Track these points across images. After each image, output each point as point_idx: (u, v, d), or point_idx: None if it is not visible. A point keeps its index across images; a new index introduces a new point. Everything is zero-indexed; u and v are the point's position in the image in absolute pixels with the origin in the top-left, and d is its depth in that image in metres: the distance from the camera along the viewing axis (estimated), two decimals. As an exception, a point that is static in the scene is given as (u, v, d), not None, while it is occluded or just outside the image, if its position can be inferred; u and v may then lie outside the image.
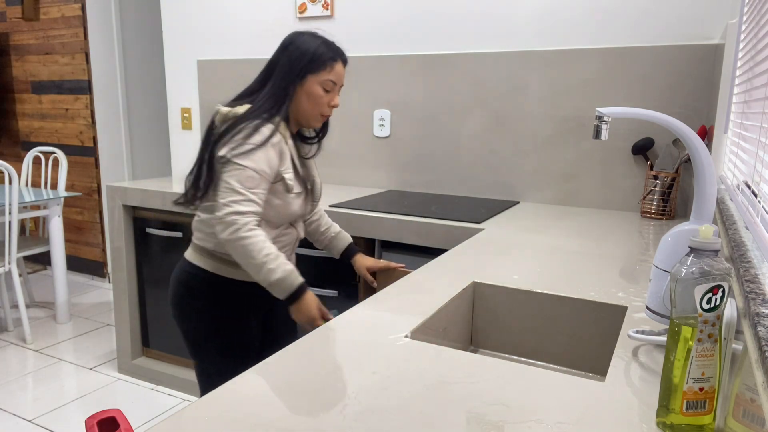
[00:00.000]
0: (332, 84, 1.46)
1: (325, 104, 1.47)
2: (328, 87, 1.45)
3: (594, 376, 1.18)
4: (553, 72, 2.20)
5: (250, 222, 1.33)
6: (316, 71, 1.43)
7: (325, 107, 1.47)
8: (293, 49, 1.43)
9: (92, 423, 0.65)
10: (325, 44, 1.44)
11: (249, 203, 1.33)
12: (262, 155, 1.35)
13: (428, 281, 1.28)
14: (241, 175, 1.33)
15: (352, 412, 0.74)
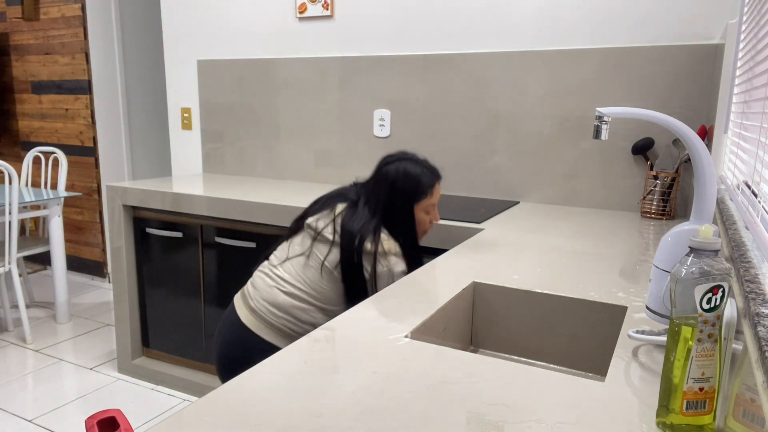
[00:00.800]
0: (433, 207, 1.54)
1: (427, 223, 1.55)
2: (430, 210, 1.54)
3: (594, 376, 1.18)
4: (553, 72, 2.20)
5: None
6: (419, 199, 1.51)
7: (427, 225, 1.55)
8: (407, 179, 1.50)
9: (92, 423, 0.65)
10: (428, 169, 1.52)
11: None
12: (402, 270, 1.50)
13: (428, 281, 1.28)
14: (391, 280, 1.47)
15: (352, 412, 0.74)
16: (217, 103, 2.97)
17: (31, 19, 4.00)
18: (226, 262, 2.39)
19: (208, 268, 2.44)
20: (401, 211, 1.51)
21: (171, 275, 2.55)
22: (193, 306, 2.52)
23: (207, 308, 2.49)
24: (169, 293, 2.58)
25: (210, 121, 3.02)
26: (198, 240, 2.43)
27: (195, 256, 2.46)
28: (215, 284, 2.44)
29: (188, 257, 2.48)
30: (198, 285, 2.48)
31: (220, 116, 2.98)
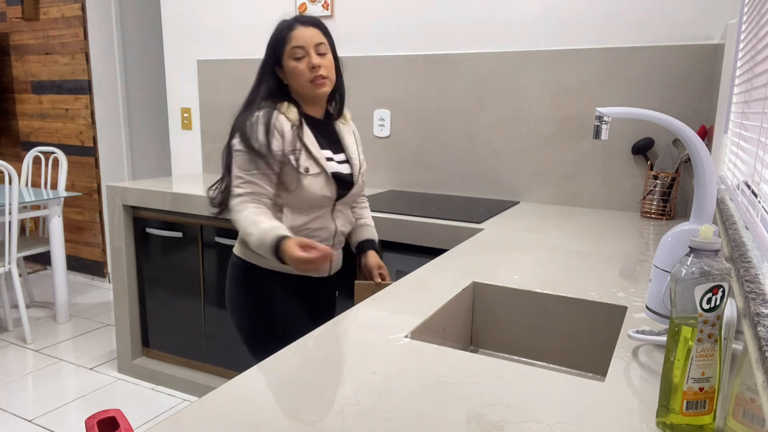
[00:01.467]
0: (299, 49, 1.44)
1: (305, 71, 1.45)
2: (298, 54, 1.45)
3: (594, 376, 1.18)
4: (553, 72, 2.20)
5: (245, 200, 1.41)
6: (282, 49, 1.46)
7: (306, 73, 1.45)
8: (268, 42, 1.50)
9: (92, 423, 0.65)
10: (283, 20, 1.48)
11: (247, 185, 1.41)
12: (259, 138, 1.41)
13: (428, 281, 1.28)
14: (239, 159, 1.42)
15: (352, 412, 0.74)
16: (217, 103, 2.97)
17: (31, 19, 4.00)
18: (226, 262, 2.39)
19: (208, 268, 2.44)
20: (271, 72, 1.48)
21: (171, 275, 2.55)
22: (193, 306, 2.52)
23: (207, 308, 2.49)
24: (169, 293, 2.58)
25: (210, 121, 3.02)
26: (198, 240, 2.43)
27: (195, 256, 2.46)
28: (215, 284, 2.44)
29: (188, 257, 2.48)
30: (198, 285, 2.48)
31: (220, 116, 2.98)
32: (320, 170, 1.46)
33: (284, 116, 1.45)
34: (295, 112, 1.46)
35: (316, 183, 1.46)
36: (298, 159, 1.43)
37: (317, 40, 1.46)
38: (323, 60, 1.47)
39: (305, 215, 1.49)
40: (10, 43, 4.18)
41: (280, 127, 1.43)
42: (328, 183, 1.48)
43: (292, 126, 1.44)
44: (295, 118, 1.46)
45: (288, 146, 1.43)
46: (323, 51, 1.47)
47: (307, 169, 1.44)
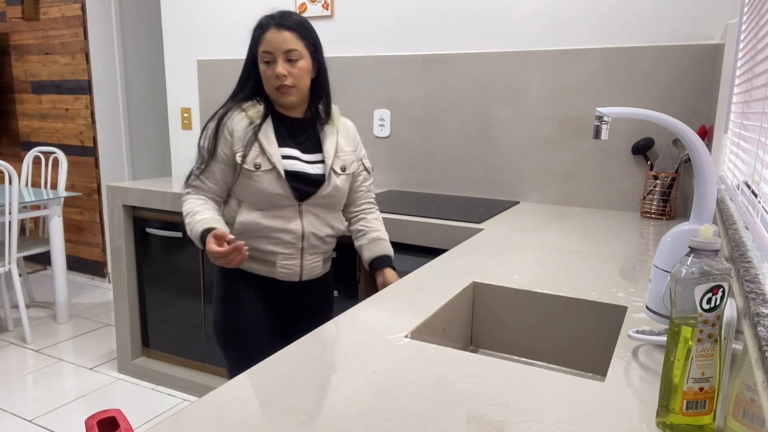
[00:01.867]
0: (267, 54, 1.41)
1: (271, 77, 1.43)
2: (266, 59, 1.42)
3: (594, 376, 1.18)
4: (553, 72, 2.20)
5: (190, 192, 1.48)
6: (255, 50, 1.44)
7: (272, 80, 1.43)
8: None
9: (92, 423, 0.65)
10: (263, 17, 1.44)
11: (195, 179, 1.48)
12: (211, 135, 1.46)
13: (428, 281, 1.28)
14: (197, 155, 1.49)
15: (352, 412, 0.74)
16: (217, 103, 2.96)
17: (31, 19, 4.00)
18: (226, 262, 2.39)
19: (208, 268, 2.44)
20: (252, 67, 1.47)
21: (171, 275, 2.55)
22: (193, 306, 2.52)
23: (207, 308, 2.49)
24: (169, 293, 2.58)
25: (210, 121, 3.02)
26: (198, 240, 2.43)
27: (195, 256, 2.46)
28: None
29: (188, 257, 2.48)
30: (198, 285, 2.48)
31: (220, 116, 2.97)
32: (271, 167, 1.44)
33: (244, 114, 1.45)
34: (259, 110, 1.46)
35: (266, 180, 1.43)
36: (246, 156, 1.42)
37: (287, 46, 1.40)
38: (292, 68, 1.42)
39: (263, 213, 1.47)
40: (10, 43, 4.18)
41: (230, 127, 1.44)
42: (279, 181, 1.44)
43: (250, 124, 1.44)
44: (257, 115, 1.45)
45: (238, 145, 1.43)
46: (294, 57, 1.41)
47: (257, 166, 1.43)
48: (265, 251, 1.50)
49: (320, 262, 1.58)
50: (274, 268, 1.51)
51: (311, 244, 1.53)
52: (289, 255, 1.51)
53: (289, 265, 1.52)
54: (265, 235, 1.48)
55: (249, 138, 1.43)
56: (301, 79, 1.44)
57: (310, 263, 1.55)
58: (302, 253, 1.52)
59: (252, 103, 1.47)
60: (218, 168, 1.46)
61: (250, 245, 1.49)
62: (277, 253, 1.50)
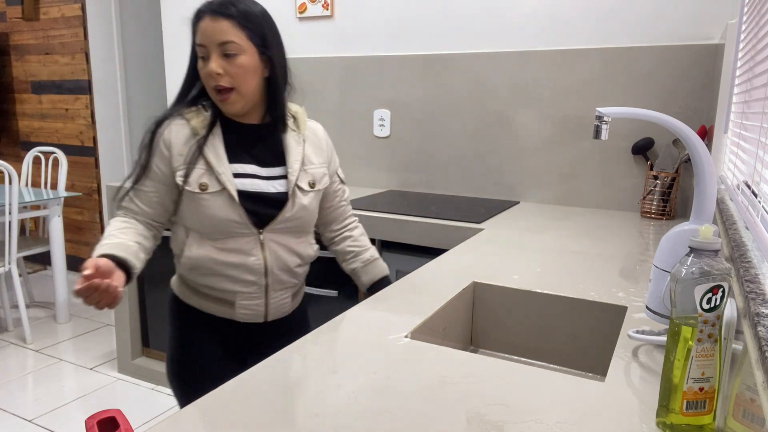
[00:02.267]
0: (201, 48, 1.17)
1: (206, 77, 1.17)
2: (202, 53, 1.17)
3: (594, 376, 1.18)
4: (553, 72, 2.20)
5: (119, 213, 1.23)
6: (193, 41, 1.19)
7: (208, 80, 1.17)
8: None
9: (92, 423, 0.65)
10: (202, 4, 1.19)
11: (127, 199, 1.23)
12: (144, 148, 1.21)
13: (428, 281, 1.28)
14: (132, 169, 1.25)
15: (352, 412, 0.74)
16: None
17: (31, 19, 4.00)
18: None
19: (208, 268, 2.44)
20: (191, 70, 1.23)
21: (171, 275, 2.55)
22: (193, 306, 2.52)
23: (207, 308, 2.49)
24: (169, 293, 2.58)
25: (210, 121, 3.01)
26: (198, 240, 2.43)
27: (195, 256, 2.46)
28: (215, 284, 2.44)
29: (188, 257, 2.48)
30: (198, 285, 2.48)
31: (220, 116, 2.97)
32: (220, 188, 1.17)
33: (186, 123, 1.20)
34: (205, 117, 1.21)
35: (215, 204, 1.17)
36: (188, 175, 1.17)
37: (223, 37, 1.14)
38: (229, 65, 1.15)
39: (215, 244, 1.21)
40: (10, 43, 4.18)
41: (168, 140, 1.19)
42: (231, 204, 1.18)
43: (194, 135, 1.19)
44: (201, 125, 1.20)
45: (178, 162, 1.18)
46: (231, 51, 1.15)
47: (203, 187, 1.17)
48: (221, 290, 1.25)
49: (288, 298, 1.33)
50: (233, 309, 1.26)
51: (277, 279, 1.27)
52: (251, 294, 1.26)
53: (251, 306, 1.27)
54: (220, 272, 1.22)
55: (192, 153, 1.18)
56: (242, 79, 1.17)
57: (277, 301, 1.30)
58: (267, 291, 1.27)
59: (197, 109, 1.22)
60: (153, 187, 1.20)
61: (204, 282, 1.25)
62: (236, 292, 1.24)
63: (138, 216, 1.23)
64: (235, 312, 1.27)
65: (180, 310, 1.33)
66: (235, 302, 1.26)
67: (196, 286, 1.28)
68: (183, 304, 1.32)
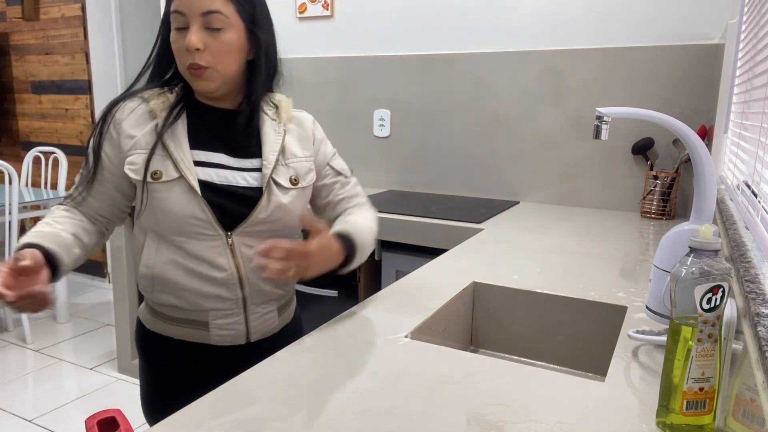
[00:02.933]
0: (179, 16, 0.99)
1: (181, 50, 1.00)
2: (177, 23, 0.99)
3: (594, 376, 1.18)
4: (553, 72, 2.20)
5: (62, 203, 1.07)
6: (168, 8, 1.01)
7: (182, 55, 1.00)
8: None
9: (92, 423, 0.65)
10: None
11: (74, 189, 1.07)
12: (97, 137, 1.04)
13: (428, 281, 1.28)
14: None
15: (352, 412, 0.74)
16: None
17: (31, 19, 4.00)
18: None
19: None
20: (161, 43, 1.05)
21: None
22: (193, 306, 2.52)
23: (207, 308, 2.48)
24: (169, 293, 2.58)
25: (210, 121, 3.01)
26: (198, 240, 2.43)
27: (195, 256, 2.46)
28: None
29: (188, 257, 2.48)
30: (198, 285, 2.48)
31: (220, 116, 2.97)
32: (177, 175, 1.00)
33: (142, 103, 1.05)
34: (165, 100, 1.05)
35: (172, 195, 0.99)
36: (137, 162, 1.01)
37: (207, 6, 0.97)
38: (212, 39, 0.99)
39: (174, 248, 1.03)
40: (10, 43, 4.18)
41: (117, 121, 1.03)
42: (191, 196, 1.00)
43: (152, 117, 1.03)
44: (162, 106, 1.04)
45: (126, 145, 1.02)
46: (216, 25, 0.98)
47: (156, 175, 0.99)
48: (190, 309, 1.06)
49: (274, 313, 1.14)
50: (207, 331, 1.07)
51: (257, 291, 1.08)
52: (226, 311, 1.06)
53: (229, 325, 1.07)
54: (184, 285, 1.04)
55: (145, 136, 1.02)
56: (224, 57, 1.00)
57: (260, 316, 1.11)
58: (245, 306, 1.08)
59: (159, 91, 1.06)
60: (102, 177, 1.04)
61: (169, 302, 1.06)
62: (207, 310, 1.06)
63: (80, 207, 1.06)
64: (210, 335, 1.07)
65: (146, 341, 1.13)
66: (209, 322, 1.06)
67: (161, 309, 1.09)
68: (149, 334, 1.12)
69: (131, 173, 1.00)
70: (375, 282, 2.07)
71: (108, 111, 1.04)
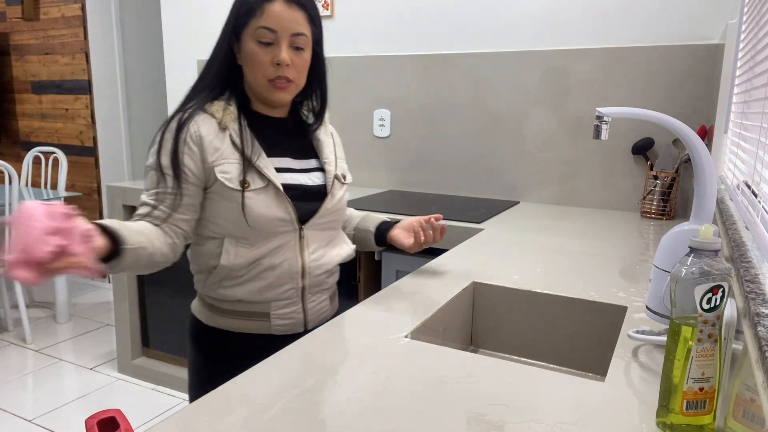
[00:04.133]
0: (268, 32, 1.07)
1: (266, 64, 1.09)
2: (265, 38, 1.08)
3: (594, 376, 1.18)
4: (553, 72, 2.20)
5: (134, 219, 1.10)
6: (246, 20, 1.08)
7: (267, 67, 1.09)
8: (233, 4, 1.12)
9: (92, 423, 0.65)
10: None
11: (143, 206, 1.09)
12: (168, 150, 1.08)
13: (428, 281, 1.28)
14: (146, 179, 1.11)
15: (352, 412, 0.74)
16: (217, 103, 2.97)
17: (31, 19, 4.00)
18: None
19: (208, 268, 2.44)
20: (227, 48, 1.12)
21: (171, 275, 2.55)
22: (193, 306, 2.52)
23: (207, 308, 2.48)
24: (169, 293, 2.58)
25: (210, 121, 3.01)
26: (198, 240, 2.43)
27: (195, 256, 2.46)
28: (215, 284, 2.43)
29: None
30: (198, 285, 2.48)
31: (220, 116, 2.97)
32: (264, 183, 1.10)
33: (210, 117, 1.11)
34: (229, 112, 1.12)
35: (261, 201, 1.09)
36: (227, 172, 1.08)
37: (297, 28, 1.09)
38: (296, 57, 1.11)
39: (256, 249, 1.12)
40: (10, 43, 4.18)
41: (196, 135, 1.08)
42: (279, 200, 1.11)
43: (223, 129, 1.10)
44: (228, 119, 1.11)
45: (212, 157, 1.08)
46: (301, 45, 1.10)
47: (245, 184, 1.08)
48: (254, 301, 1.15)
49: (327, 301, 1.27)
50: (268, 321, 1.16)
51: (315, 281, 1.20)
52: (287, 302, 1.17)
53: (289, 314, 1.18)
54: (255, 277, 1.13)
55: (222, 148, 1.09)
56: (303, 73, 1.14)
57: (316, 305, 1.22)
58: (303, 295, 1.19)
59: (221, 104, 1.13)
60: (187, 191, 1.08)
61: (234, 296, 1.14)
62: (269, 301, 1.15)
63: (155, 221, 1.08)
64: (271, 325, 1.17)
65: (203, 336, 1.20)
66: (270, 313, 1.16)
67: (222, 304, 1.17)
68: (207, 329, 1.19)
69: (226, 182, 1.08)
70: (375, 282, 2.07)
71: (178, 127, 1.09)
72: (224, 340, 1.18)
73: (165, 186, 1.08)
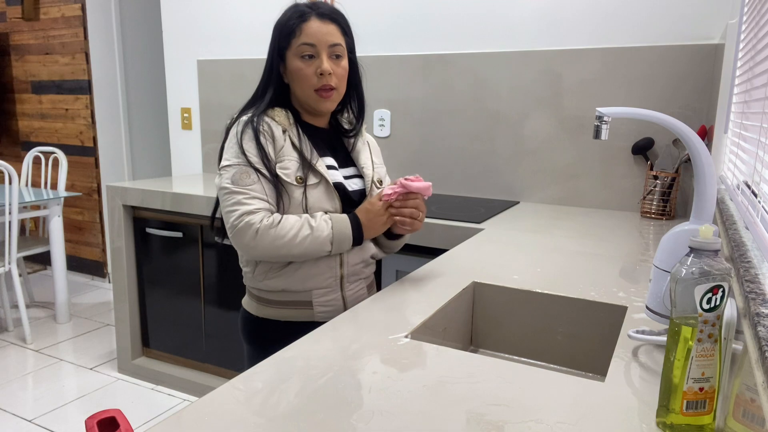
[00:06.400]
0: (309, 47, 1.21)
1: (311, 76, 1.21)
2: (306, 52, 1.21)
3: (594, 376, 1.18)
4: (553, 72, 2.20)
5: (264, 216, 1.16)
6: (288, 42, 1.23)
7: (312, 78, 1.21)
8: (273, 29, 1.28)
9: (92, 423, 0.65)
10: (295, 5, 1.25)
11: (253, 200, 1.16)
12: (249, 146, 1.19)
13: (428, 281, 1.28)
14: (233, 173, 1.18)
15: (352, 412, 0.74)
16: (217, 103, 2.97)
17: (31, 19, 4.00)
18: (226, 262, 2.39)
19: (208, 268, 2.44)
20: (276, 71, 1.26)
21: (171, 275, 2.55)
22: (193, 306, 2.52)
23: (207, 308, 2.49)
24: (169, 293, 2.58)
25: (210, 121, 3.02)
26: (198, 240, 2.43)
27: (195, 256, 2.46)
28: (215, 284, 2.44)
29: (188, 257, 2.48)
30: (198, 285, 2.48)
31: (220, 116, 2.98)
32: (318, 179, 1.22)
33: (273, 120, 1.23)
34: (287, 117, 1.25)
35: (315, 195, 1.21)
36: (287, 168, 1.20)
37: (334, 39, 1.22)
38: (336, 66, 1.23)
39: None
40: (10, 43, 4.18)
41: (269, 130, 1.21)
42: (329, 195, 1.24)
43: (284, 131, 1.23)
44: (287, 122, 1.24)
45: (276, 152, 1.21)
46: (339, 54, 1.23)
47: (301, 179, 1.20)
48: (297, 290, 1.26)
49: (365, 290, 1.37)
50: (311, 309, 1.27)
51: (352, 270, 1.30)
52: (327, 288, 1.27)
53: (329, 302, 1.28)
54: (299, 268, 1.24)
55: (284, 147, 1.22)
56: (343, 81, 1.26)
57: (354, 293, 1.33)
58: (342, 283, 1.29)
59: (281, 110, 1.25)
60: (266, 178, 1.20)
61: (280, 287, 1.25)
62: (311, 289, 1.26)
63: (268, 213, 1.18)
64: (314, 312, 1.27)
65: (255, 327, 1.31)
66: (312, 301, 1.26)
67: (269, 295, 1.28)
68: (258, 320, 1.30)
69: (285, 177, 1.20)
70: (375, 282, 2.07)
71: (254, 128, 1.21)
72: (273, 330, 1.29)
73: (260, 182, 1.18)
